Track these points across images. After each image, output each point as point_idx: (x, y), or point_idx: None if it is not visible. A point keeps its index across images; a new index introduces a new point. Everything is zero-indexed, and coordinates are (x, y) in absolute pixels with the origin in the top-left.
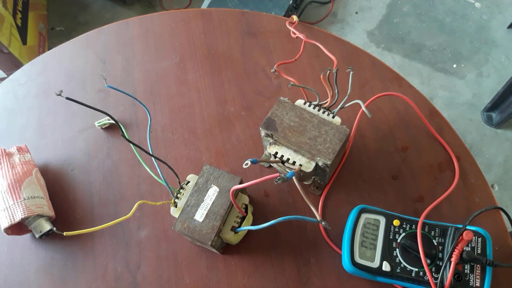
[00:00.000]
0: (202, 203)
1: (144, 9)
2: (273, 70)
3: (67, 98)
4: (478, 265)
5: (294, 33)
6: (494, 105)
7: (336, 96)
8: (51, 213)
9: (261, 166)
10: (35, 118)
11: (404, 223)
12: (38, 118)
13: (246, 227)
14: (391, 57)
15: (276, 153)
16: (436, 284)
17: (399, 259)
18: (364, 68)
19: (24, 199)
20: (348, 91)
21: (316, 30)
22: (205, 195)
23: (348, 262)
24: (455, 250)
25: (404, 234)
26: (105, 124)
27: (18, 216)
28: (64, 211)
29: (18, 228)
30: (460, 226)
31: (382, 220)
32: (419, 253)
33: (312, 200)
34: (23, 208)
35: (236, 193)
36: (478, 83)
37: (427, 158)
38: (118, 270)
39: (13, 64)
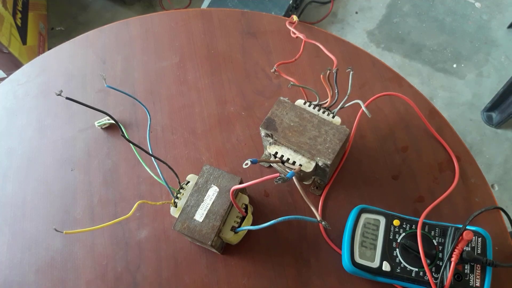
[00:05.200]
0: (202, 203)
1: (144, 9)
2: (273, 70)
3: (67, 98)
4: (478, 265)
5: (294, 33)
6: (494, 105)
7: (336, 96)
8: None
9: (261, 166)
10: (35, 118)
11: (404, 223)
12: (38, 118)
13: (246, 227)
14: (391, 57)
15: (276, 153)
16: (436, 284)
17: (399, 259)
18: (364, 68)
19: None
20: (348, 91)
21: (316, 30)
22: (205, 195)
23: (348, 262)
24: (455, 250)
25: (404, 234)
26: (105, 124)
27: None
28: (64, 211)
29: None
30: (460, 226)
31: (382, 220)
32: (419, 253)
33: (312, 200)
34: None
35: (236, 193)
36: (478, 83)
37: (427, 158)
38: (118, 270)
39: (13, 64)
